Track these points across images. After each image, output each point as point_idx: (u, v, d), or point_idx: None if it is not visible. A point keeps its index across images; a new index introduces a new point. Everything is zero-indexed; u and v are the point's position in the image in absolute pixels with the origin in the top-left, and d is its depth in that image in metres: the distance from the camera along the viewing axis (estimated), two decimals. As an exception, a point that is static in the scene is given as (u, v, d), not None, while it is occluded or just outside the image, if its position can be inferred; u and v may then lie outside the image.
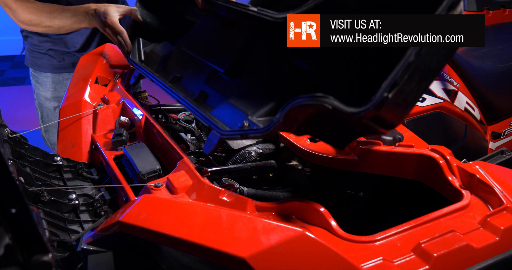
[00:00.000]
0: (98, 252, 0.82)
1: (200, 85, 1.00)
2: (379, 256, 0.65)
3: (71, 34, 1.50)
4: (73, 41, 1.53)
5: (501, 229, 0.68)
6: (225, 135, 0.80)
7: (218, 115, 0.87)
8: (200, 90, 0.98)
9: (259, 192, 0.82)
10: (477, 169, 0.79)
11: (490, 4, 1.99)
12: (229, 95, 0.91)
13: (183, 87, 1.04)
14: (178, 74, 1.08)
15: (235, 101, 0.89)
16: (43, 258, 0.46)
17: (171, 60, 1.15)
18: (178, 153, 0.90)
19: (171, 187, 0.79)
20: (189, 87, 1.02)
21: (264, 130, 0.71)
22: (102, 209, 0.92)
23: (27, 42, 1.56)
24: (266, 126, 0.70)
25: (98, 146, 1.06)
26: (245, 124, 0.79)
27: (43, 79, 1.56)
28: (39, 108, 1.62)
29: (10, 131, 0.96)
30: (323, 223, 0.71)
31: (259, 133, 0.72)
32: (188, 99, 0.96)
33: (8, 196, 0.43)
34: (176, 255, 0.79)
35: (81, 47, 1.54)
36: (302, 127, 0.70)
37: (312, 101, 0.63)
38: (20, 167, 0.89)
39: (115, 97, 1.16)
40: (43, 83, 1.57)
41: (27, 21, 1.31)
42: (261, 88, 0.89)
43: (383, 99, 0.57)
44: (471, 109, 1.37)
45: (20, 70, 3.79)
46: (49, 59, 1.53)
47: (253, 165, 0.96)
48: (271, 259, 0.63)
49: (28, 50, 1.56)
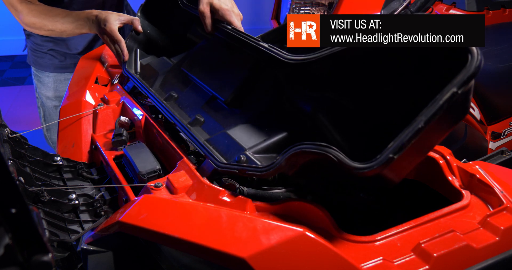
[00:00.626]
0: (98, 252, 0.82)
1: (197, 109, 0.99)
2: (379, 256, 0.65)
3: (74, 36, 1.50)
4: (75, 44, 1.53)
5: (501, 229, 0.68)
6: (222, 168, 0.79)
7: (214, 144, 0.87)
8: (196, 114, 0.97)
9: (259, 192, 0.82)
10: (477, 169, 0.79)
11: (490, 4, 1.99)
12: (227, 125, 0.91)
13: (178, 108, 1.03)
14: (174, 94, 1.07)
15: (233, 132, 0.88)
16: (43, 258, 0.46)
17: (168, 78, 1.13)
18: (178, 153, 0.90)
19: (171, 187, 0.79)
20: (185, 109, 1.01)
21: (264, 170, 0.72)
22: (102, 209, 0.92)
23: (29, 40, 1.56)
24: (266, 166, 0.72)
25: (98, 146, 1.06)
26: (242, 158, 0.80)
27: (45, 78, 1.56)
28: (41, 107, 1.62)
29: (10, 131, 0.96)
30: (323, 223, 0.71)
31: (258, 172, 0.73)
32: (183, 121, 0.95)
33: (8, 196, 0.43)
34: (176, 255, 0.79)
35: (83, 50, 1.54)
36: (300, 170, 0.72)
37: (317, 150, 0.65)
38: (20, 167, 0.89)
39: (115, 97, 1.16)
40: (44, 83, 1.57)
41: (30, 24, 1.31)
42: (262, 123, 0.89)
43: (389, 159, 0.59)
44: (471, 109, 1.38)
45: (20, 70, 3.79)
46: (51, 59, 1.54)
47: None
48: (271, 259, 0.63)
49: (30, 49, 1.56)
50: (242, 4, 1.34)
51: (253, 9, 4.25)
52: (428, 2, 1.14)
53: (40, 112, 1.63)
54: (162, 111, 1.02)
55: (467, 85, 0.58)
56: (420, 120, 0.58)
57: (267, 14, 1.40)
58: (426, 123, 0.58)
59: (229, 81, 0.97)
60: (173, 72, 1.14)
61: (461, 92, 0.57)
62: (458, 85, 0.57)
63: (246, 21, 0.96)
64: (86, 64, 1.31)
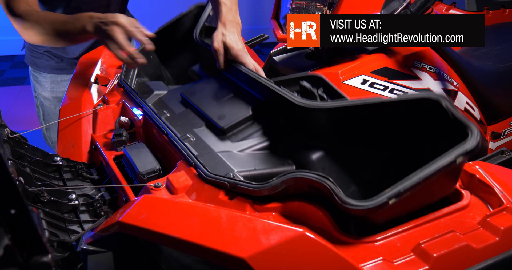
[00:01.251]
0: (98, 252, 0.82)
1: (188, 130, 0.99)
2: (379, 256, 0.65)
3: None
4: (72, 49, 1.52)
5: (501, 229, 0.68)
6: (210, 177, 0.77)
7: (204, 160, 0.85)
8: (189, 133, 0.97)
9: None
10: (477, 169, 0.79)
11: (490, 4, 1.99)
12: (218, 149, 0.91)
13: (168, 124, 1.01)
14: (166, 112, 1.06)
15: (223, 155, 0.88)
16: (42, 259, 0.46)
17: (163, 97, 1.13)
18: (177, 153, 0.89)
19: (171, 187, 0.79)
20: (176, 127, 0.99)
21: (257, 187, 0.71)
22: (102, 209, 0.92)
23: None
24: (260, 184, 0.71)
25: (98, 146, 1.06)
26: (231, 175, 0.81)
27: (42, 79, 1.56)
28: (39, 106, 1.62)
29: (10, 131, 0.96)
30: (323, 224, 0.71)
31: (250, 188, 0.72)
32: (173, 134, 0.93)
33: (8, 197, 0.43)
34: (176, 255, 0.79)
35: (79, 55, 1.52)
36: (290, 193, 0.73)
37: (315, 179, 0.67)
38: (20, 167, 0.88)
39: (115, 97, 1.16)
40: (42, 83, 1.56)
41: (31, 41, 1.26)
42: (253, 157, 0.90)
43: (383, 204, 0.62)
44: (471, 109, 1.37)
45: (20, 70, 3.79)
46: (48, 60, 1.53)
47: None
48: (271, 259, 0.63)
49: (28, 49, 1.56)
50: (242, 4, 1.34)
51: (253, 9, 4.25)
52: (428, 2, 1.13)
53: (39, 112, 1.63)
54: (153, 119, 0.99)
55: (464, 157, 0.64)
56: (420, 176, 0.62)
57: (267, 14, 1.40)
58: (424, 180, 0.62)
59: (230, 113, 0.98)
60: (170, 95, 1.14)
61: (459, 162, 0.64)
62: (458, 154, 0.63)
63: (246, 21, 0.96)
64: (86, 64, 1.31)
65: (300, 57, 1.27)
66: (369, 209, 0.62)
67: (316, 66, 1.15)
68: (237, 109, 0.99)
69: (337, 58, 1.17)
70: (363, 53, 1.17)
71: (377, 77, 1.11)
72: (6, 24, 1.32)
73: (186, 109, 1.06)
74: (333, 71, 1.10)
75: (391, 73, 1.13)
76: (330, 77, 1.09)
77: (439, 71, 1.23)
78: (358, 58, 1.15)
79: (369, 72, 1.10)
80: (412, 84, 1.15)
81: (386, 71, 1.12)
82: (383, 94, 1.10)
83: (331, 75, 1.10)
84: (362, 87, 1.09)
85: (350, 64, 1.12)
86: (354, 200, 0.64)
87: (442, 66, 1.26)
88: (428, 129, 0.76)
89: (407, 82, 1.15)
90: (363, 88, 1.09)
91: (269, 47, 0.99)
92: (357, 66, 1.11)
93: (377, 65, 1.12)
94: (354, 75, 1.09)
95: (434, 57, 1.25)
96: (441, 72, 1.24)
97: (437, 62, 1.24)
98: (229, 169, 0.84)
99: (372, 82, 1.10)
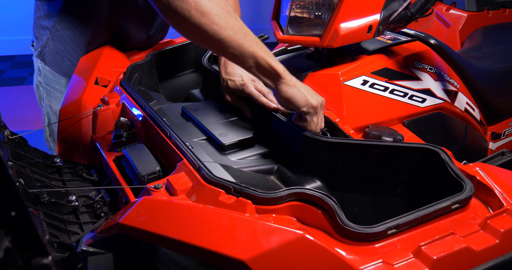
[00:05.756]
0: (98, 254, 0.82)
1: (189, 139, 0.99)
2: (379, 258, 0.65)
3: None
4: None
5: (501, 231, 0.68)
6: (213, 179, 0.76)
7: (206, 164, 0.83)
8: (188, 142, 0.96)
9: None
10: (477, 171, 0.78)
11: (490, 4, 1.99)
12: (218, 162, 0.91)
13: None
14: (167, 121, 1.05)
15: (224, 167, 0.89)
16: (43, 261, 0.46)
17: (163, 107, 1.12)
18: (178, 154, 0.89)
19: (170, 188, 0.79)
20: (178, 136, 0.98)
21: (263, 194, 0.71)
22: (102, 211, 0.92)
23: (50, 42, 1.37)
24: (266, 192, 0.72)
25: (98, 147, 1.06)
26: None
27: (57, 94, 1.44)
28: (46, 115, 1.54)
29: (10, 132, 0.96)
30: (323, 225, 0.71)
31: (255, 194, 0.72)
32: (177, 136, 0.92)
33: (8, 199, 0.43)
34: (175, 257, 0.79)
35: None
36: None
37: (320, 197, 0.70)
38: (20, 168, 0.88)
39: (115, 98, 1.15)
40: (55, 97, 1.45)
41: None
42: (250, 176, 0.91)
43: (381, 232, 0.66)
44: (471, 109, 1.37)
45: (20, 70, 3.78)
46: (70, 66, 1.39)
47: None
48: (270, 261, 0.63)
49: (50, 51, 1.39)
50: (242, 4, 1.34)
51: (253, 9, 4.24)
52: (428, 3, 1.13)
53: (45, 120, 1.56)
54: (155, 119, 0.98)
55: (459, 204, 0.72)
56: (418, 214, 0.69)
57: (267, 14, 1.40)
58: (421, 218, 0.69)
59: (232, 132, 0.99)
60: (170, 107, 1.13)
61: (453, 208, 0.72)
62: (454, 202, 0.71)
63: (246, 21, 0.95)
64: (86, 65, 1.30)
65: (300, 57, 1.27)
66: (367, 234, 0.66)
67: (316, 67, 1.14)
68: (240, 130, 1.00)
69: (337, 58, 1.17)
70: (363, 54, 1.17)
71: (378, 78, 1.10)
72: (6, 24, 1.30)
73: (187, 122, 1.06)
74: (333, 72, 1.10)
75: (391, 73, 1.13)
76: (330, 78, 1.09)
77: (439, 71, 1.23)
78: (359, 59, 1.15)
79: (370, 72, 1.10)
80: (412, 84, 1.15)
81: (386, 71, 1.12)
82: (384, 95, 1.10)
83: (331, 76, 1.10)
84: (362, 88, 1.09)
85: (350, 65, 1.11)
86: (355, 225, 0.67)
87: (442, 67, 1.26)
88: (425, 175, 0.82)
89: (407, 83, 1.15)
90: (363, 89, 1.09)
91: (270, 48, 0.97)
92: (358, 67, 1.11)
93: (378, 65, 1.12)
94: (354, 76, 1.09)
95: (434, 57, 1.25)
96: (441, 72, 1.24)
97: (437, 62, 1.24)
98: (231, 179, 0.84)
99: (373, 83, 1.10)
